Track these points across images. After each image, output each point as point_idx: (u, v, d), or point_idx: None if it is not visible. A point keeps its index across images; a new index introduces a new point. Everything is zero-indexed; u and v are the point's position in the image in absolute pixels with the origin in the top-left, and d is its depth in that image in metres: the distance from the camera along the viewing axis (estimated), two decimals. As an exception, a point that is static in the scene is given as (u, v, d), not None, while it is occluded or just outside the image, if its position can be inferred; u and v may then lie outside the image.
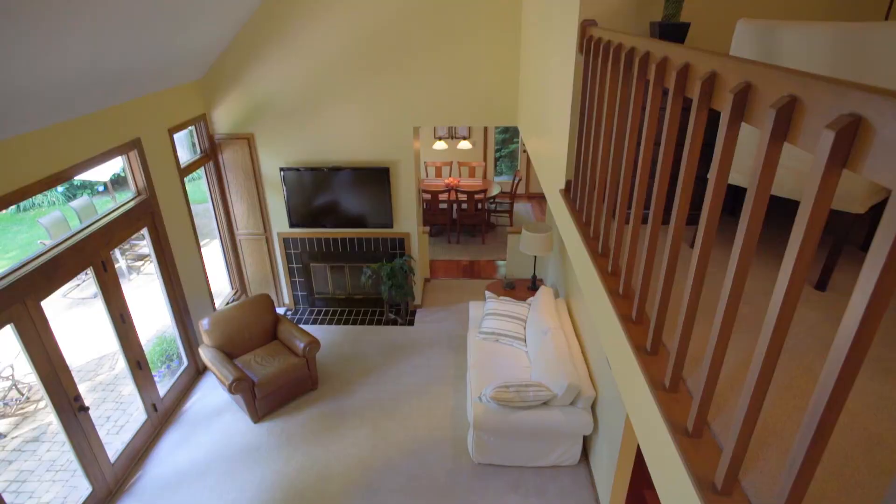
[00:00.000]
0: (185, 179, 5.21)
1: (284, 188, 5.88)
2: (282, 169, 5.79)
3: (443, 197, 7.96)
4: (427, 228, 6.97)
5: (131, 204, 4.39)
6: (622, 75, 1.71)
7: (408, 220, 6.08)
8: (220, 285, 6.50)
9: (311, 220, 6.08)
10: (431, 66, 5.26)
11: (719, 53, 1.13)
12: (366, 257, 6.34)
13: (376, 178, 5.77)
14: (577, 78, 2.45)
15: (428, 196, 7.86)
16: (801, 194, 1.69)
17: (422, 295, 6.78)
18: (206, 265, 5.62)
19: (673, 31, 2.16)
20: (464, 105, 5.39)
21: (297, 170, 5.78)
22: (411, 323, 6.34)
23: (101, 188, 10.52)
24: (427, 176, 9.18)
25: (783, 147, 1.03)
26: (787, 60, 1.58)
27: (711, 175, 1.10)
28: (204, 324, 4.92)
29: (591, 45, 2.16)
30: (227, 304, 6.23)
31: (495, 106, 5.39)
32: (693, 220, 2.29)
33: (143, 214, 4.50)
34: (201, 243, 5.54)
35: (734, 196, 2.41)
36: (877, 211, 1.95)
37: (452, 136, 8.99)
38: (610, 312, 1.79)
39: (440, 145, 8.34)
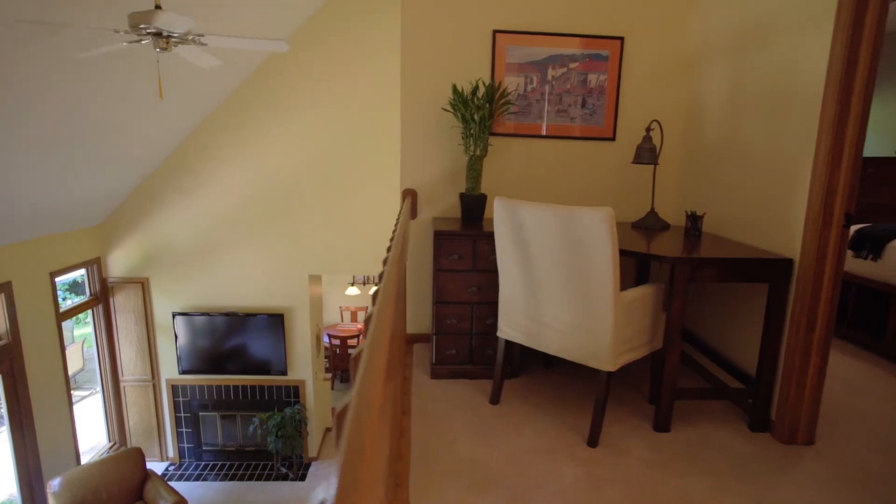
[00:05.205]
0: (75, 322, 5.04)
1: (176, 333, 5.74)
2: (175, 313, 5.70)
3: (352, 342, 7.90)
4: (328, 375, 6.82)
5: (-12, 350, 4.16)
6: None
7: (303, 367, 5.96)
8: (98, 438, 5.99)
9: (202, 366, 5.87)
10: (325, 217, 5.54)
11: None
12: (259, 406, 6.06)
13: (271, 325, 5.74)
14: (401, 238, 2.66)
15: (337, 342, 7.79)
16: (564, 352, 1.87)
17: (319, 446, 6.42)
18: (75, 417, 5.21)
19: (473, 200, 2.43)
20: (358, 255, 5.61)
21: (191, 314, 5.70)
22: (303, 478, 5.93)
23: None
24: (343, 320, 9.18)
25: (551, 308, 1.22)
26: (527, 225, 1.82)
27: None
28: (53, 485, 4.42)
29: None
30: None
31: (389, 256, 5.62)
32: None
33: (1, 361, 4.25)
34: (87, 392, 5.20)
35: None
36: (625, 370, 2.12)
37: (366, 282, 9.19)
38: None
39: (353, 290, 8.48)
